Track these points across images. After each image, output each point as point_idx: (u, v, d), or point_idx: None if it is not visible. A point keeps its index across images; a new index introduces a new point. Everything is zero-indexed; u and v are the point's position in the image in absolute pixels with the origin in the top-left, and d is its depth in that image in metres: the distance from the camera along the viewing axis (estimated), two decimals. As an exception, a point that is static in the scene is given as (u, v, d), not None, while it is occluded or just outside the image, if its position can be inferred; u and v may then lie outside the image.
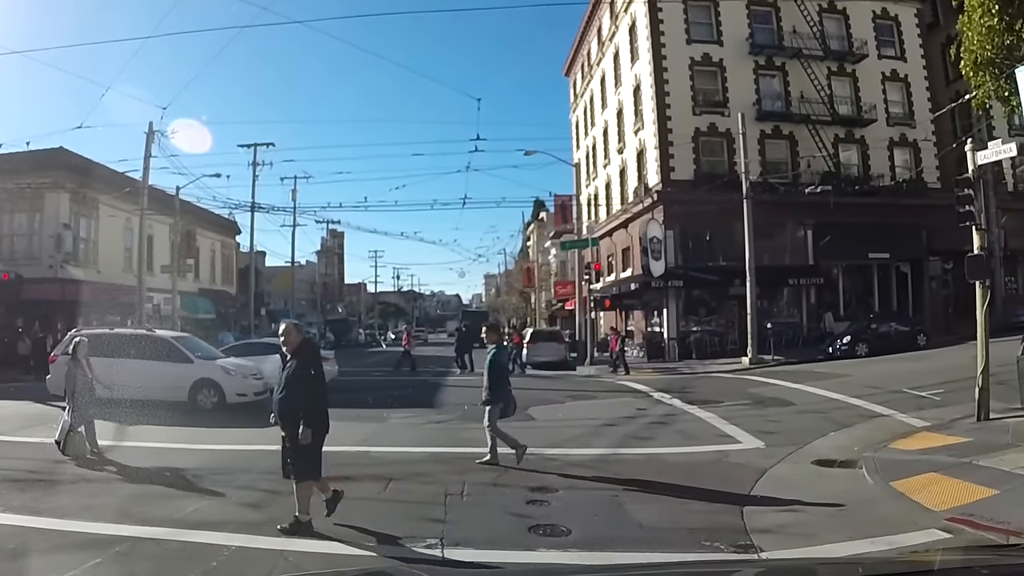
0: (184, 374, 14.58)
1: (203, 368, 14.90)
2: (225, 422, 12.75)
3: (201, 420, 13.16)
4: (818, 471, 8.80)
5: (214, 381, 14.60)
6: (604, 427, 12.10)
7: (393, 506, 6.95)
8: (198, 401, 14.40)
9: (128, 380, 13.33)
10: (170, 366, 14.62)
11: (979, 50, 13.56)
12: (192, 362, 14.95)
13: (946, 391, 14.21)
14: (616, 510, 6.73)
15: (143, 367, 14.13)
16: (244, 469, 8.60)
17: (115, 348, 14.47)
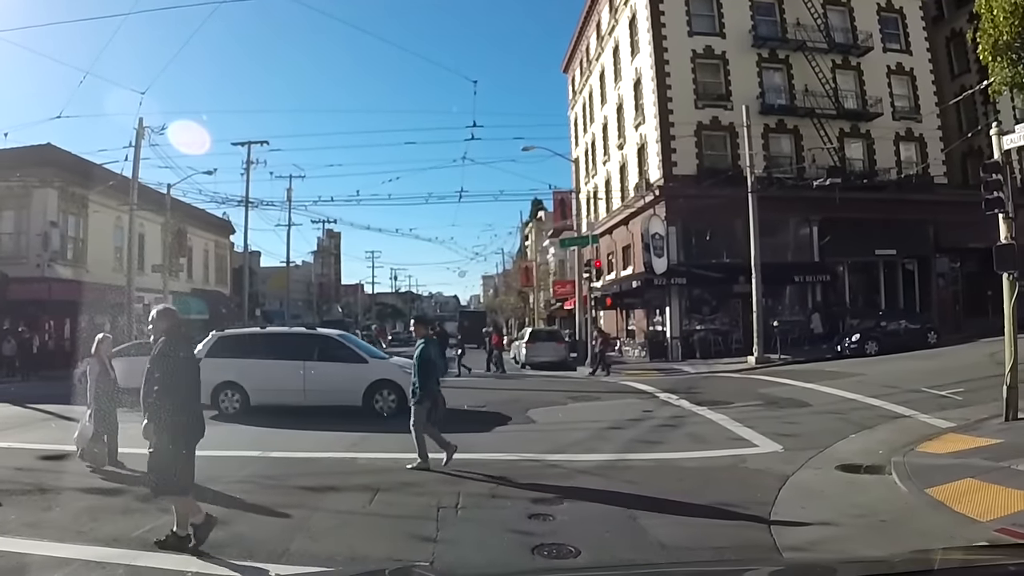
0: (358, 375, 13.46)
1: (379, 368, 13.87)
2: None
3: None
4: (845, 478, 8.09)
5: (393, 382, 13.29)
6: (610, 430, 11.37)
7: (378, 522, 6.19)
8: (375, 405, 13.27)
9: (286, 384, 13.01)
10: (340, 367, 13.59)
11: (1001, 33, 12.91)
12: (367, 362, 13.93)
13: (967, 390, 13.55)
14: (630, 526, 5.98)
15: (307, 369, 13.36)
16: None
17: (268, 348, 13.83)
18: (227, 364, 13.27)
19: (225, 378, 13.20)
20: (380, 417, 12.90)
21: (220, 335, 14.49)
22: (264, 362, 13.51)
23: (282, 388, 13.31)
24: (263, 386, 13.28)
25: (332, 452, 8.73)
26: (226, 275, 47.49)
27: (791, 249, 29.45)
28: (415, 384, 8.56)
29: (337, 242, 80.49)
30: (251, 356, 13.70)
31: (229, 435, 8.99)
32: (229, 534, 5.59)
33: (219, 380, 13.06)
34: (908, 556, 2.80)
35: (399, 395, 12.89)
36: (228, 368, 13.25)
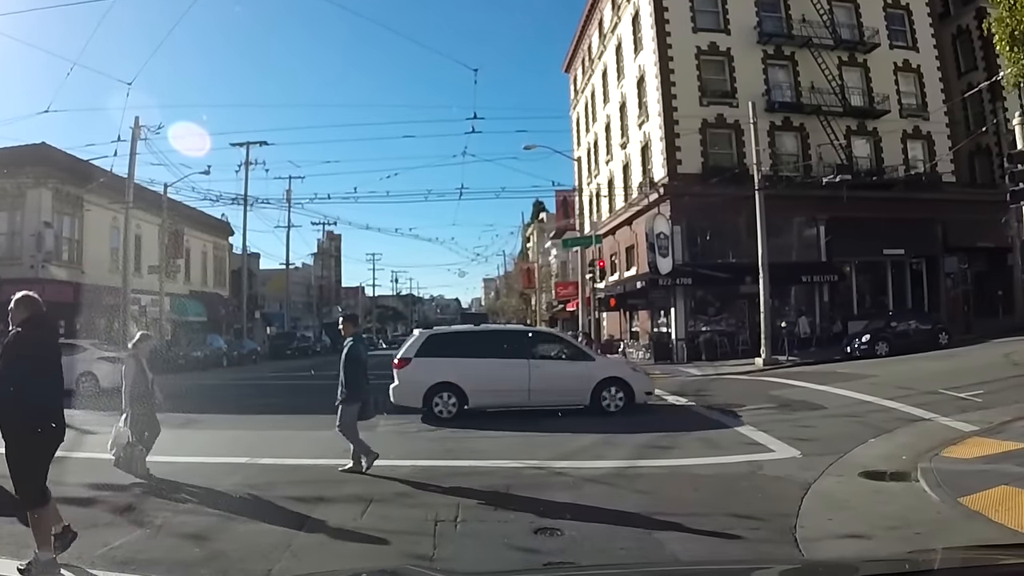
0: (586, 374, 13.12)
1: (607, 366, 13.80)
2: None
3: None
4: (870, 486, 7.59)
5: (623, 380, 13.16)
6: (618, 435, 10.82)
7: (368, 537, 5.66)
8: (602, 403, 12.95)
9: (509, 384, 12.62)
10: (567, 365, 13.34)
11: (1018, 22, 12.47)
12: (593, 360, 13.83)
13: (986, 392, 13.07)
14: (645, 541, 5.46)
15: (532, 367, 12.94)
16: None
17: (485, 346, 13.40)
18: (442, 364, 12.74)
19: (441, 379, 12.59)
20: (607, 415, 12.69)
21: (431, 333, 13.83)
22: (484, 361, 12.88)
23: (504, 389, 12.78)
24: (483, 387, 12.68)
25: (324, 459, 8.24)
26: (225, 277, 47.10)
27: (798, 249, 28.97)
28: (343, 383, 8.22)
29: (337, 244, 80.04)
30: (467, 355, 13.05)
31: (220, 439, 8.50)
32: (206, 552, 5.09)
33: (434, 381, 12.55)
34: (908, 556, 2.86)
35: (627, 392, 12.90)
36: (444, 368, 12.68)
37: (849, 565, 3.24)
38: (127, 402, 8.01)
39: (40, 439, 4.67)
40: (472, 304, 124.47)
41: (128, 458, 7.76)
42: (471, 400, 12.65)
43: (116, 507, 6.57)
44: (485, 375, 12.68)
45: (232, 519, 5.78)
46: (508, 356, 12.99)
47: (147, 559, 4.99)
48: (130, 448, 7.79)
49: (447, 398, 12.56)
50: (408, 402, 12.61)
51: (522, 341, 13.87)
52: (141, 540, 5.43)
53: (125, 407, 8.02)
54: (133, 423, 7.92)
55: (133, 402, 7.98)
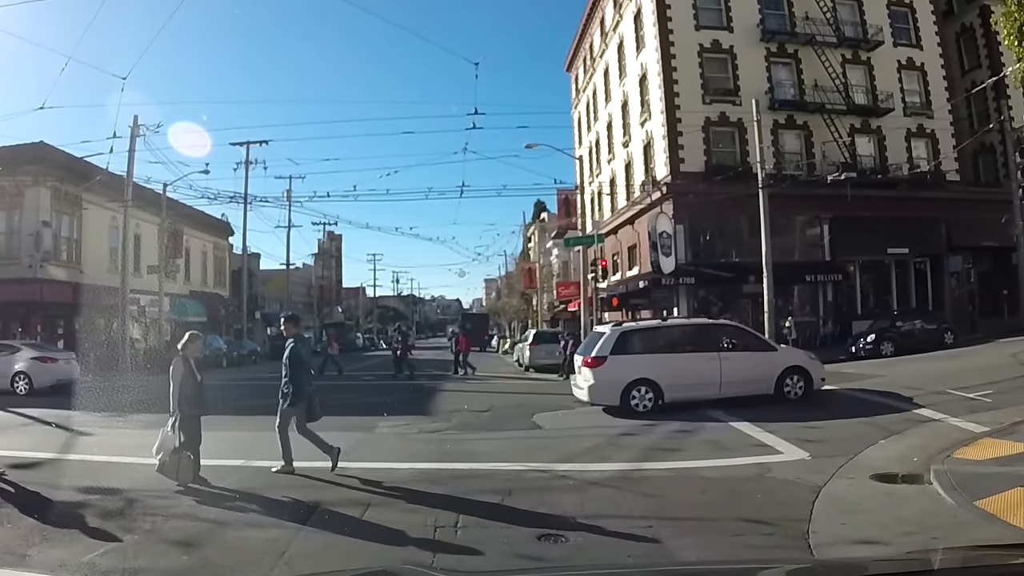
0: (771, 363, 13.54)
1: (789, 355, 14.32)
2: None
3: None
4: (882, 489, 7.39)
5: (802, 368, 13.67)
6: (622, 436, 10.62)
7: (365, 544, 5.45)
8: (784, 391, 13.43)
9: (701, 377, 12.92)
10: (754, 356, 13.67)
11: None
12: (776, 350, 14.34)
13: (995, 392, 12.85)
14: (653, 548, 5.25)
15: (722, 359, 13.25)
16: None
17: (676, 341, 13.87)
18: (638, 360, 13.00)
19: (637, 375, 12.83)
20: (789, 402, 13.13)
21: (623, 330, 13.84)
22: (677, 356, 13.26)
23: (697, 382, 13.01)
24: (678, 381, 12.90)
25: (321, 461, 8.03)
26: (225, 277, 46.95)
27: (801, 248, 28.83)
28: (286, 383, 8.18)
29: (338, 244, 79.91)
30: (660, 350, 13.39)
31: (216, 440, 8.29)
32: (195, 560, 4.89)
33: (631, 378, 12.80)
34: (908, 556, 2.83)
35: (806, 380, 13.43)
36: (640, 364, 12.95)
37: (849, 565, 3.26)
38: (175, 405, 7.60)
39: None
40: (473, 304, 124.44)
41: (174, 464, 7.33)
42: (667, 395, 12.90)
43: (106, 511, 6.37)
44: (679, 370, 12.98)
45: (225, 524, 5.58)
46: (698, 350, 13.39)
47: (133, 567, 4.80)
48: (177, 453, 7.37)
49: (644, 393, 12.81)
50: (605, 400, 13.02)
51: (710, 334, 14.27)
52: (128, 547, 5.23)
53: (173, 410, 7.61)
54: (183, 427, 7.50)
55: (182, 405, 7.58)
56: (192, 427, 7.58)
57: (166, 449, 7.43)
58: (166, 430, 7.56)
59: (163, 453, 7.44)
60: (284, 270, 50.84)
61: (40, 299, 27.05)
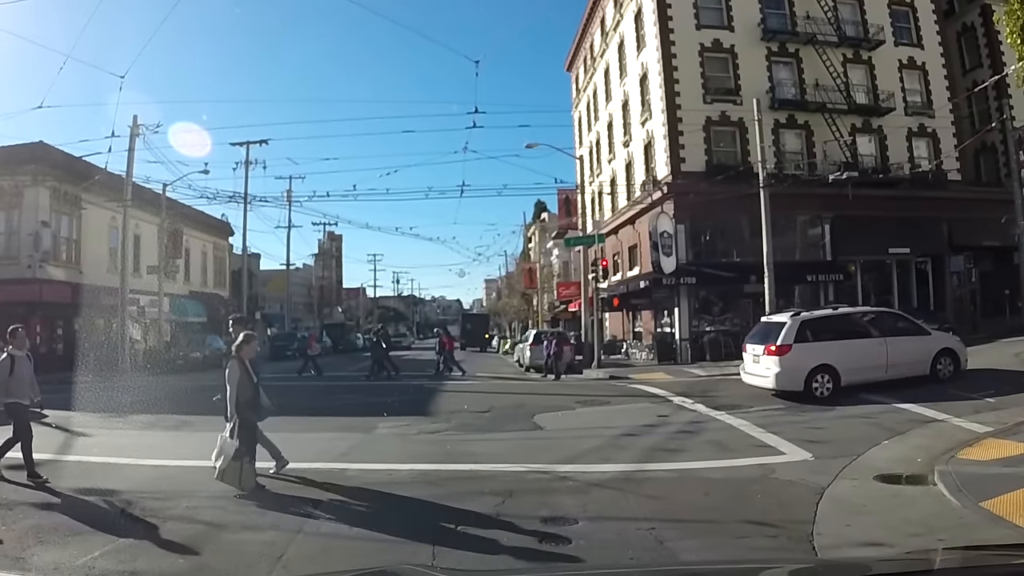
0: (927, 347, 14.55)
1: (941, 339, 15.12)
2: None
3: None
4: (887, 490, 7.33)
5: (952, 350, 14.77)
6: (624, 437, 10.55)
7: (365, 547, 5.39)
8: (937, 371, 14.41)
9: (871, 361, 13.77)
10: (914, 340, 14.57)
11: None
12: (930, 334, 15.11)
13: (998, 392, 12.76)
14: (657, 550, 5.17)
15: (888, 344, 14.17)
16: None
17: (849, 328, 14.69)
18: (817, 348, 13.74)
19: (819, 361, 13.61)
20: (942, 382, 13.95)
21: (803, 319, 14.44)
22: (850, 342, 14.03)
23: (868, 365, 13.82)
24: (852, 365, 13.70)
25: (320, 462, 7.97)
26: (225, 277, 46.87)
27: (802, 248, 28.71)
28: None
29: (338, 245, 79.79)
30: (834, 338, 14.08)
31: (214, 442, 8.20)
32: (192, 564, 4.82)
33: (814, 364, 13.58)
34: (908, 556, 2.85)
35: (955, 361, 14.51)
36: (819, 352, 13.70)
37: (852, 565, 3.26)
38: (232, 409, 7.31)
39: None
40: (473, 305, 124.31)
41: (235, 470, 7.07)
42: (843, 379, 13.61)
43: (103, 513, 6.30)
44: (853, 355, 13.77)
45: (222, 527, 5.52)
46: (866, 336, 14.35)
47: (129, 570, 4.73)
48: (238, 459, 7.11)
49: (824, 379, 13.55)
50: (790, 386, 13.65)
51: (876, 321, 15.26)
52: (124, 549, 5.16)
53: (231, 415, 7.32)
54: (241, 431, 7.24)
55: (240, 409, 7.30)
56: (251, 431, 7.35)
57: (227, 455, 7.11)
58: (225, 436, 7.25)
59: (223, 460, 7.12)
60: (284, 270, 50.74)
61: (39, 299, 26.96)
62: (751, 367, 14.92)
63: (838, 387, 13.55)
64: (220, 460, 7.14)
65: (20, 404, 7.96)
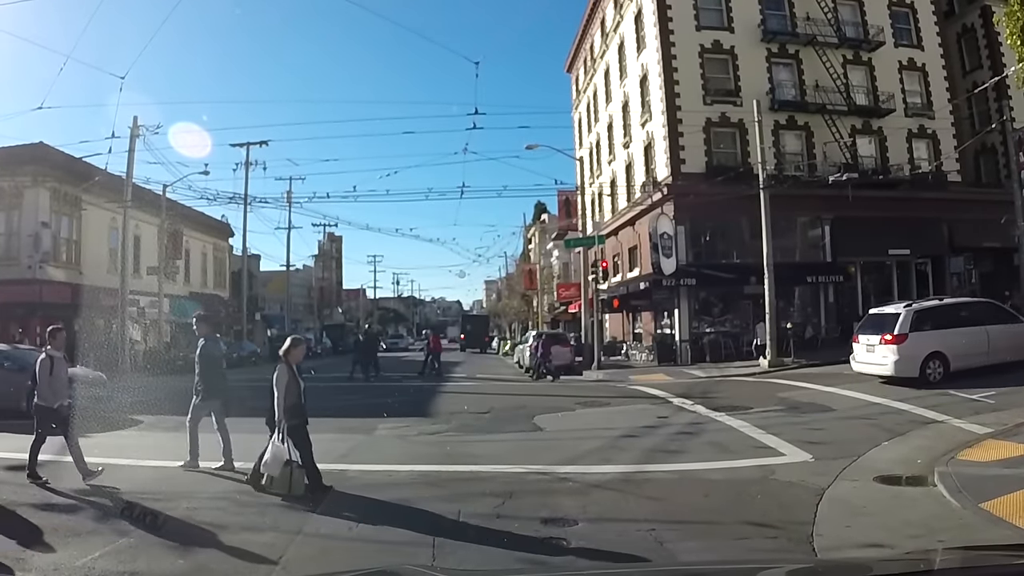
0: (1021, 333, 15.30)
1: None
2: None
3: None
4: (887, 491, 7.33)
5: None
6: (624, 438, 10.56)
7: (365, 549, 5.39)
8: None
9: (976, 348, 14.55)
10: (1011, 328, 15.32)
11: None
12: (1022, 322, 15.81)
13: (998, 393, 12.81)
14: (657, 552, 5.18)
15: (989, 333, 14.98)
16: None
17: (956, 317, 15.41)
18: (930, 336, 14.65)
19: (932, 349, 14.52)
20: None
21: (916, 309, 15.35)
22: (958, 330, 14.88)
23: (971, 352, 14.65)
24: (959, 352, 14.58)
25: (320, 464, 7.89)
26: (225, 278, 46.86)
27: (802, 249, 28.74)
28: (198, 381, 8.43)
29: (338, 246, 79.81)
30: (942, 327, 14.92)
31: (212, 443, 8.22)
32: (191, 565, 4.83)
33: (927, 351, 14.49)
34: (908, 556, 2.88)
35: None
36: (932, 340, 14.61)
37: (851, 565, 3.26)
38: (280, 414, 7.07)
39: None
40: (473, 306, 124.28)
41: (285, 478, 6.82)
42: (952, 365, 14.51)
43: (103, 514, 6.30)
44: (960, 342, 14.64)
45: (222, 527, 5.51)
46: (968, 324, 15.13)
47: (130, 570, 4.73)
48: (288, 466, 6.86)
49: (936, 365, 14.49)
50: (907, 372, 14.40)
51: (977, 310, 16.06)
52: (124, 550, 5.16)
53: (279, 420, 7.07)
54: (290, 437, 7.03)
55: (288, 414, 7.10)
56: (300, 436, 7.19)
57: (277, 462, 6.86)
58: (275, 442, 7.00)
59: (272, 467, 6.87)
60: (284, 271, 50.76)
61: (39, 300, 26.96)
62: (863, 356, 15.80)
63: (947, 372, 14.37)
64: (268, 467, 6.91)
65: (49, 408, 7.96)
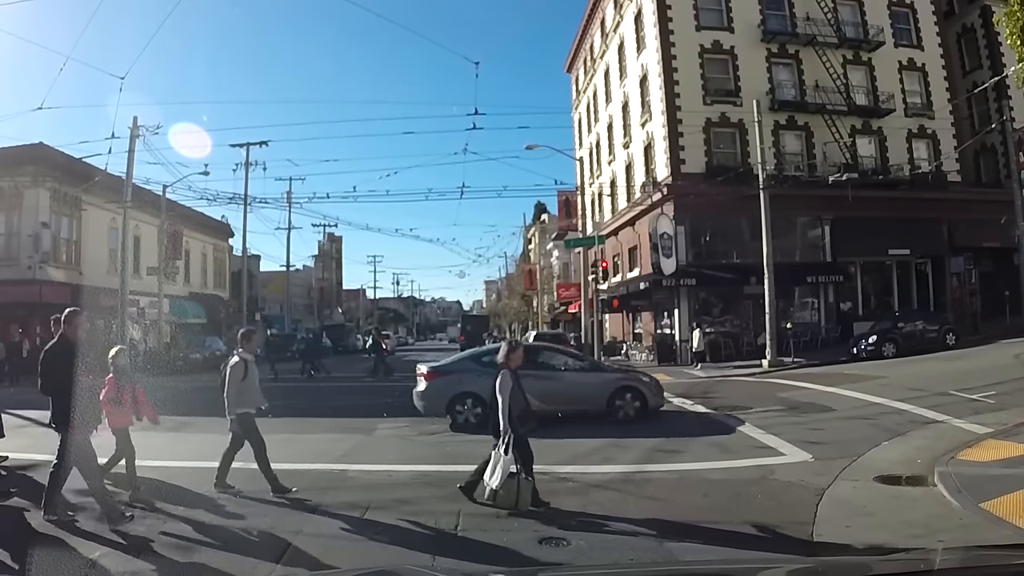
0: None
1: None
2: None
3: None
4: (887, 491, 7.32)
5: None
6: (625, 438, 10.52)
7: (365, 547, 5.39)
8: None
9: None
10: None
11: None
12: None
13: (998, 393, 12.80)
14: (658, 552, 5.19)
15: None
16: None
17: None
18: None
19: None
20: None
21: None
22: None
23: None
24: None
25: (321, 463, 7.96)
26: (225, 279, 46.85)
27: (802, 249, 28.75)
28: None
29: (338, 246, 79.80)
30: None
31: (212, 443, 8.21)
32: (192, 565, 4.84)
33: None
34: (908, 556, 2.82)
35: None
36: None
37: (851, 564, 3.26)
38: (506, 423, 6.69)
39: None
40: (473, 306, 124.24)
41: (512, 490, 6.44)
42: None
43: (102, 514, 6.28)
44: None
45: (222, 527, 5.51)
46: None
47: (131, 570, 4.74)
48: (514, 477, 6.49)
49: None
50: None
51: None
52: (126, 549, 5.16)
53: (504, 429, 6.69)
54: (516, 446, 6.67)
55: (514, 423, 6.74)
56: (524, 446, 6.87)
57: (504, 474, 6.47)
58: (500, 453, 6.60)
59: (499, 479, 6.46)
60: (284, 272, 50.72)
61: (39, 300, 26.91)
62: None
63: None
64: (496, 479, 6.52)
65: (250, 414, 7.49)
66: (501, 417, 6.67)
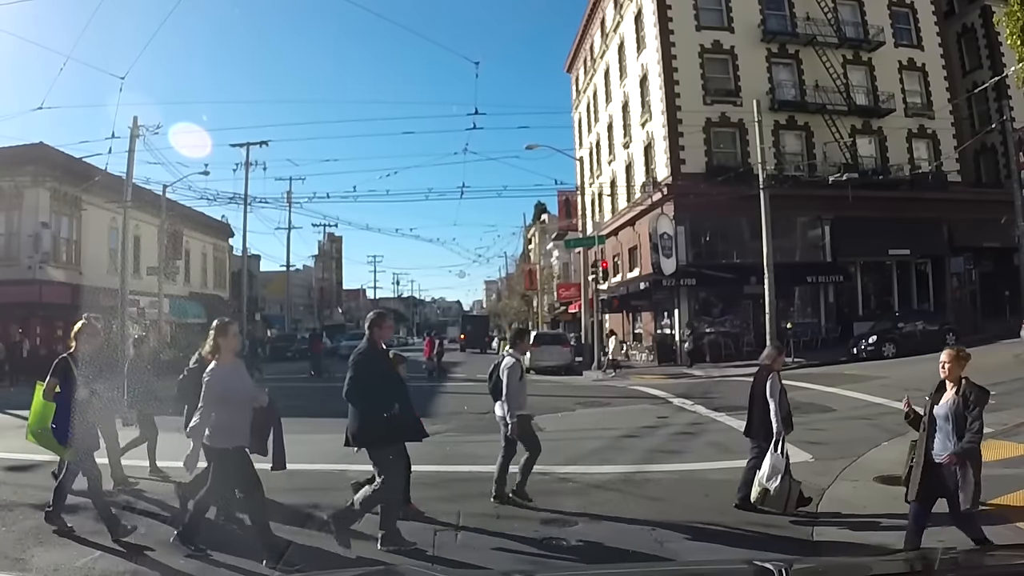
0: None
1: None
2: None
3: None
4: (887, 491, 7.29)
5: None
6: (625, 438, 10.57)
7: (364, 547, 5.37)
8: None
9: None
10: None
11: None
12: None
13: (999, 393, 12.59)
14: (657, 552, 5.19)
15: None
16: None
17: None
18: None
19: None
20: None
21: None
22: None
23: None
24: None
25: (322, 463, 7.95)
26: (225, 279, 46.80)
27: (802, 249, 28.78)
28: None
29: (338, 246, 79.80)
30: None
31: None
32: (192, 565, 4.82)
33: None
34: (908, 556, 2.85)
35: None
36: None
37: (851, 564, 3.26)
38: (778, 424, 6.63)
39: None
40: (473, 306, 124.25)
41: (782, 491, 6.39)
42: None
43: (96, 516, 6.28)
44: None
45: (222, 527, 5.50)
46: None
47: (128, 571, 4.73)
48: (785, 480, 6.43)
49: None
50: None
51: None
52: (124, 551, 5.16)
53: (777, 432, 6.61)
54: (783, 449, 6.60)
55: (785, 424, 6.70)
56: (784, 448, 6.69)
57: (776, 475, 6.40)
58: (775, 455, 6.51)
59: (773, 479, 6.40)
60: (284, 272, 50.71)
61: (39, 300, 26.97)
62: None
63: None
64: (771, 481, 6.41)
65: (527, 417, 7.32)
66: (773, 418, 6.67)
